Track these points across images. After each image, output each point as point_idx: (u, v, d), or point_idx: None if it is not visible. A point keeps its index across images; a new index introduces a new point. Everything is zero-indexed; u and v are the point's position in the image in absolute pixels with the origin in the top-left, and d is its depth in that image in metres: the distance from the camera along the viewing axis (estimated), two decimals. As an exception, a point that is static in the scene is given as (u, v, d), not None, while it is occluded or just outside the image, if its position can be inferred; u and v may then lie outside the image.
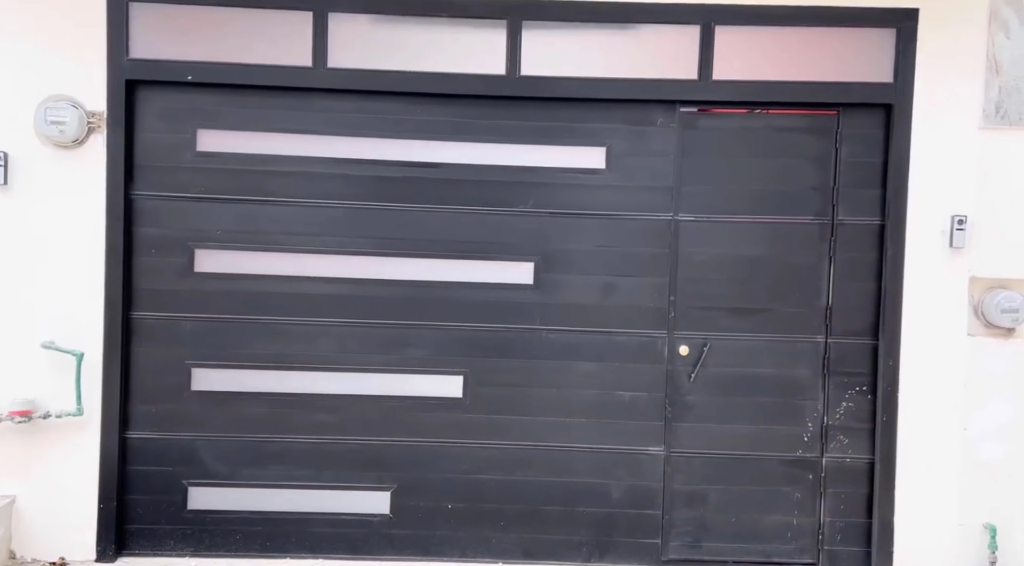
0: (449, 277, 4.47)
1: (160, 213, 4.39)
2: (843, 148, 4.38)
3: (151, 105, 4.36)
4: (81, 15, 4.22)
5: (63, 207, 4.28)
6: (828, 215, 4.41)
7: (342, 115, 4.41)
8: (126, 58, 4.25)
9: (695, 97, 4.38)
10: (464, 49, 4.35)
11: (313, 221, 4.42)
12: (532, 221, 4.45)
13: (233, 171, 4.40)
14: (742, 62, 4.34)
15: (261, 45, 4.32)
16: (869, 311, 4.41)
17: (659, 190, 4.44)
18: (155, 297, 4.41)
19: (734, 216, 4.43)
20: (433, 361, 4.47)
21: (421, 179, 4.43)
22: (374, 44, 4.35)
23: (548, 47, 4.35)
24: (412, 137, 4.43)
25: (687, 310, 4.46)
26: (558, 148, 4.45)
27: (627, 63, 4.35)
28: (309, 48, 4.33)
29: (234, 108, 4.39)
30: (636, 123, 4.44)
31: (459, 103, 4.41)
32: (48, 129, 4.14)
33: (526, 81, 4.35)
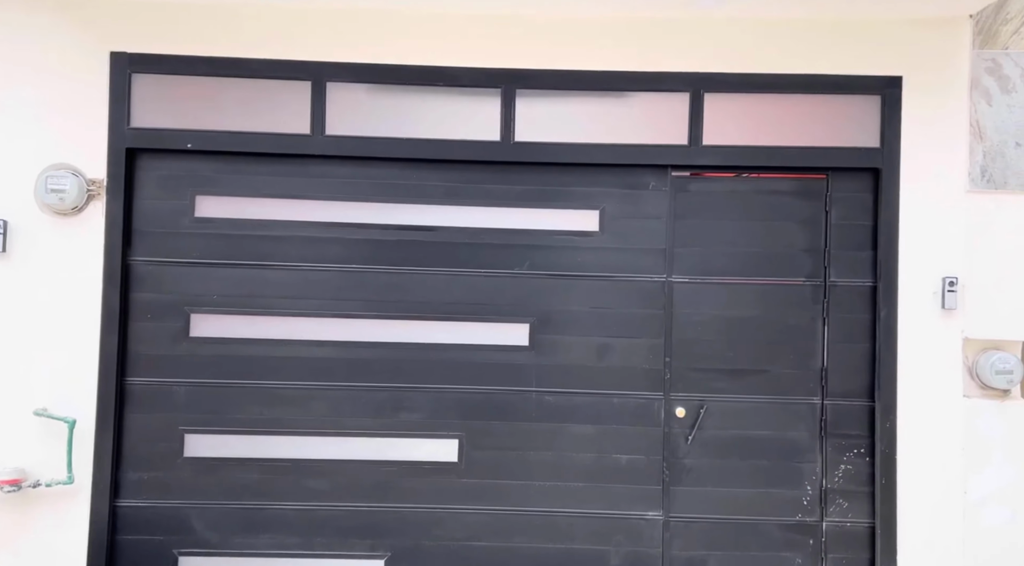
0: (444, 339, 4.47)
1: (157, 278, 4.41)
2: (833, 211, 4.44)
3: (150, 172, 4.43)
4: (84, 86, 4.31)
5: (61, 274, 4.30)
6: (820, 277, 4.45)
7: (338, 180, 4.48)
8: (127, 127, 4.33)
9: (686, 162, 4.45)
10: (459, 116, 4.44)
11: (308, 285, 4.45)
12: (527, 283, 4.48)
13: (230, 236, 4.44)
14: (731, 128, 4.43)
15: (260, 113, 4.40)
16: (864, 372, 4.41)
17: (653, 252, 4.48)
18: (150, 362, 4.40)
19: (727, 278, 4.46)
20: (428, 424, 4.44)
21: (416, 242, 4.47)
22: (371, 111, 4.43)
23: (541, 113, 4.44)
24: (408, 201, 4.48)
25: (683, 371, 4.46)
26: (552, 211, 4.50)
27: (619, 129, 4.44)
28: (307, 116, 4.41)
29: (232, 174, 4.45)
30: (629, 187, 4.50)
31: (454, 168, 4.49)
32: (48, 197, 4.19)
33: (520, 147, 4.43)
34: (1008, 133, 4.17)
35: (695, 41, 4.38)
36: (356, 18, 4.37)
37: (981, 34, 4.19)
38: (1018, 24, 4.14)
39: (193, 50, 4.33)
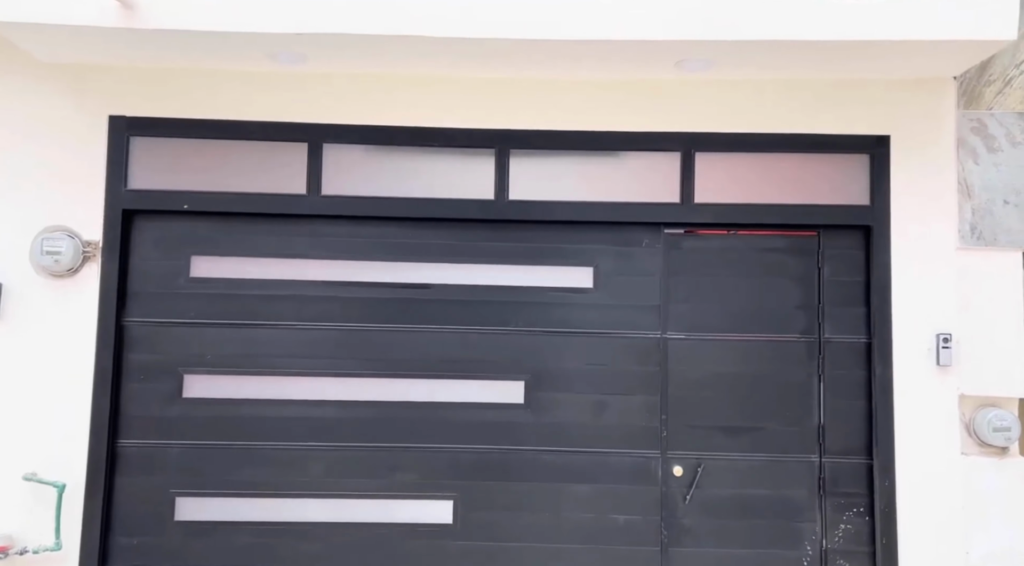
0: (439, 398, 4.45)
1: (151, 339, 4.40)
2: (825, 268, 4.47)
3: (146, 233, 4.45)
4: (82, 149, 4.36)
5: (55, 335, 4.29)
6: (815, 333, 4.45)
7: (334, 239, 4.50)
8: (124, 189, 4.37)
9: (678, 219, 4.49)
10: (454, 175, 4.48)
11: (303, 344, 4.44)
12: (522, 340, 4.47)
13: (225, 296, 4.44)
14: (723, 186, 4.48)
15: (256, 174, 4.45)
16: (862, 429, 4.38)
17: (647, 309, 4.49)
18: (142, 424, 4.36)
19: (722, 334, 4.46)
20: (422, 485, 4.39)
21: (411, 300, 4.48)
22: (367, 171, 4.48)
23: (535, 172, 4.49)
24: (403, 259, 4.50)
25: (680, 429, 4.43)
26: (546, 268, 4.52)
27: (612, 187, 4.48)
28: (304, 177, 4.45)
29: (228, 234, 4.47)
30: (622, 244, 4.53)
31: (449, 226, 4.52)
32: (43, 259, 4.21)
33: (514, 205, 4.46)
34: (996, 191, 4.22)
35: (686, 102, 4.45)
36: (353, 81, 4.44)
37: (965, 95, 4.27)
38: (1001, 86, 4.22)
39: (191, 113, 4.39)
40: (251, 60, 4.24)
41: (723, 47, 3.93)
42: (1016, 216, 4.21)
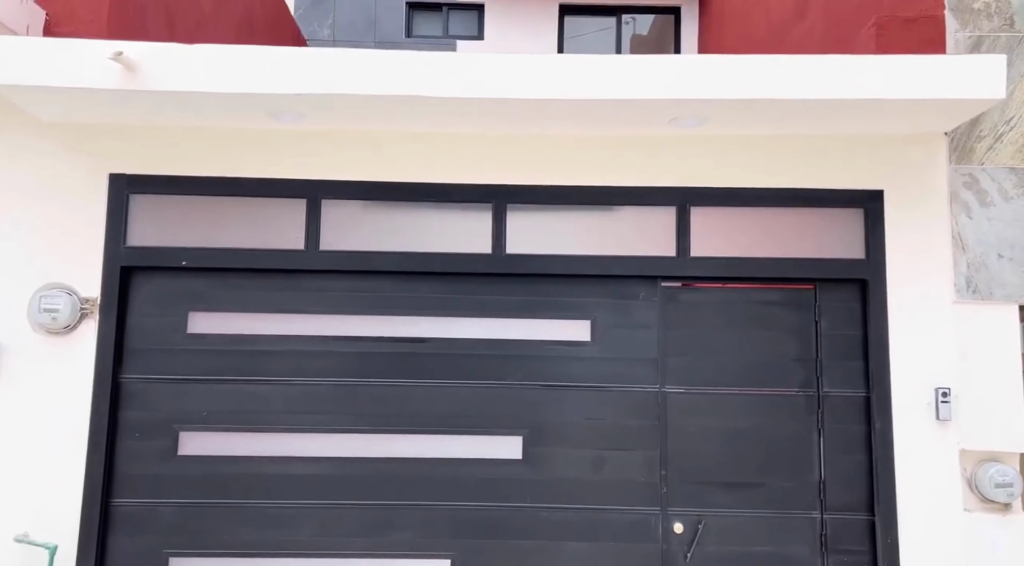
0: (436, 453, 4.41)
1: (147, 396, 4.38)
2: (823, 321, 4.47)
3: (144, 290, 4.45)
4: (82, 206, 4.38)
5: (50, 394, 4.27)
6: (813, 387, 4.44)
7: (331, 294, 4.50)
8: (123, 246, 4.38)
9: (675, 273, 4.51)
10: (451, 229, 4.51)
11: (299, 400, 4.41)
12: (520, 394, 4.45)
13: (222, 352, 4.43)
14: (719, 239, 4.50)
15: (255, 230, 4.46)
16: (863, 485, 4.34)
17: (645, 362, 4.48)
18: (136, 483, 4.32)
19: (721, 388, 4.45)
20: (418, 543, 4.33)
21: (408, 354, 4.47)
22: (365, 226, 4.50)
23: (532, 226, 4.51)
24: (400, 314, 4.50)
25: (679, 485, 4.39)
26: (544, 321, 4.52)
27: (609, 241, 4.50)
28: (302, 232, 4.47)
29: (225, 290, 4.48)
30: (619, 297, 4.54)
31: (447, 280, 4.53)
32: (41, 317, 4.20)
33: (512, 259, 4.48)
34: (990, 245, 4.24)
35: (680, 157, 4.50)
36: (352, 138, 4.49)
37: (957, 150, 4.32)
38: (991, 141, 4.28)
39: (190, 171, 4.43)
40: (251, 119, 4.29)
41: (715, 105, 3.99)
42: (1011, 270, 4.23)
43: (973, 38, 4.32)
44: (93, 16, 4.29)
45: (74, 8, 4.31)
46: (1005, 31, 4.30)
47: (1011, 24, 4.31)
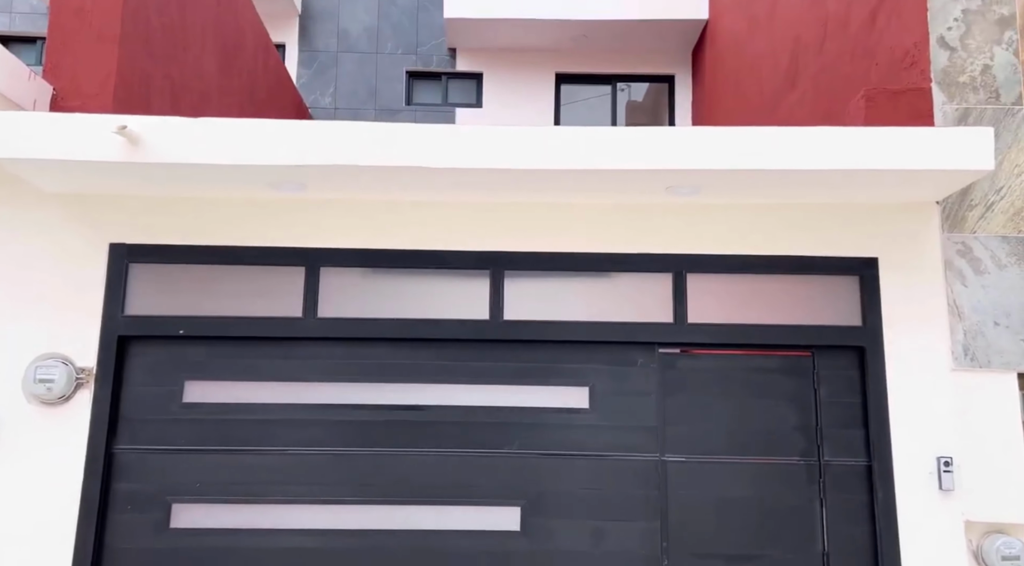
0: (433, 525, 4.34)
1: (140, 467, 4.33)
2: (821, 388, 4.45)
3: (141, 359, 4.44)
4: (81, 277, 4.40)
5: (41, 466, 4.21)
6: (814, 455, 4.39)
7: (329, 361, 4.49)
8: (121, 315, 4.39)
9: (672, 339, 4.51)
10: (449, 296, 4.52)
11: (294, 470, 4.36)
12: (518, 462, 4.40)
13: (217, 421, 4.40)
14: (716, 306, 4.52)
15: (253, 298, 4.48)
16: (867, 556, 4.26)
17: (644, 430, 4.44)
18: (127, 557, 4.23)
19: (721, 456, 4.40)
20: (416, 619, 4.23)
21: (405, 422, 4.43)
22: (362, 294, 4.52)
23: (529, 292, 4.53)
24: (397, 381, 4.48)
25: (681, 557, 4.30)
26: (542, 388, 4.50)
27: (606, 307, 4.52)
28: (300, 300, 4.49)
29: (222, 358, 4.47)
30: (617, 364, 4.53)
31: (444, 346, 4.52)
32: (36, 388, 4.18)
33: (509, 325, 4.49)
34: (986, 313, 4.26)
35: (676, 225, 4.55)
36: (351, 206, 4.54)
37: (949, 219, 4.37)
38: (983, 210, 4.34)
39: (190, 240, 4.47)
40: (252, 189, 4.35)
41: (709, 175, 4.06)
42: (1008, 338, 4.23)
43: (960, 110, 4.41)
44: (99, 90, 4.39)
45: (81, 83, 4.41)
46: (991, 104, 4.40)
47: (997, 97, 4.41)
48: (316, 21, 10.60)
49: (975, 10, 4.48)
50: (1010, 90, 4.42)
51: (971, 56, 4.44)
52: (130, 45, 4.68)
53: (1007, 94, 4.41)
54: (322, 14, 10.63)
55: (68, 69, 4.42)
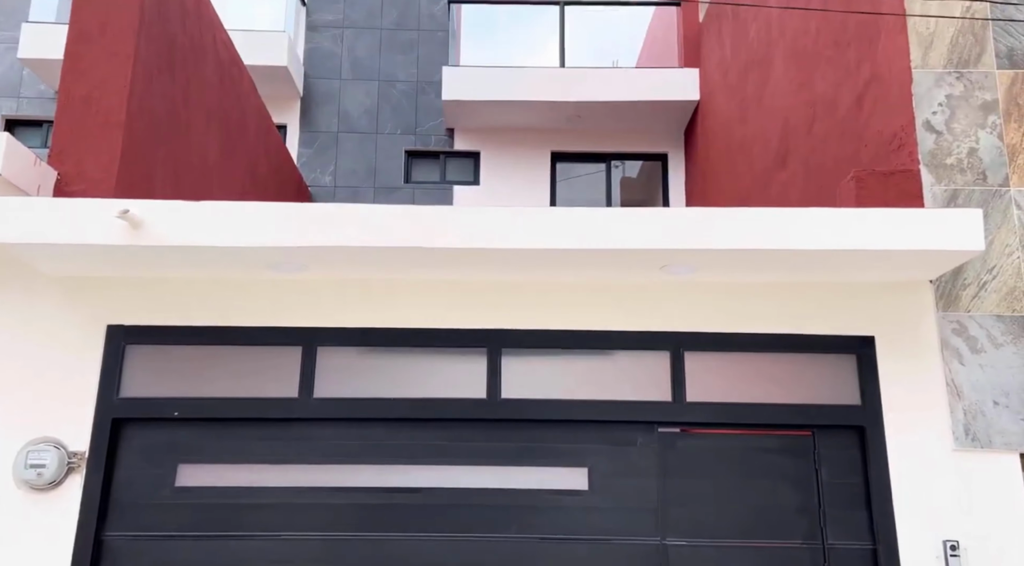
0: (428, 615, 4.22)
1: (130, 554, 4.23)
2: (823, 469, 4.40)
3: (134, 442, 4.39)
4: (77, 359, 4.38)
5: (28, 554, 4.10)
6: (818, 538, 4.30)
7: (324, 442, 4.44)
8: (115, 397, 4.36)
9: (672, 418, 4.48)
10: (446, 375, 4.51)
11: (290, 555, 4.26)
12: (516, 547, 4.31)
13: (209, 505, 4.32)
14: (714, 384, 4.50)
15: (248, 379, 4.46)
16: (877, 646, 4.13)
17: (644, 512, 4.36)
18: (112, 649, 4.09)
19: (724, 540, 4.31)
20: None
21: (402, 505, 4.36)
22: (359, 373, 4.51)
23: (527, 370, 4.52)
24: (394, 462, 4.43)
25: (684, 646, 4.17)
26: (540, 469, 4.44)
27: (604, 385, 4.50)
28: (296, 380, 4.47)
29: (217, 440, 4.42)
30: (616, 443, 4.48)
31: (441, 426, 4.48)
32: (26, 474, 4.11)
33: (506, 404, 4.46)
34: (985, 392, 4.24)
35: (673, 303, 4.57)
36: (350, 286, 4.57)
37: (944, 298, 4.40)
38: (976, 289, 4.37)
39: (187, 320, 4.48)
40: (251, 270, 4.38)
41: (703, 255, 4.10)
42: (1008, 418, 4.21)
43: (949, 191, 4.50)
44: (103, 175, 4.46)
45: (85, 168, 4.49)
46: (979, 185, 4.49)
47: (984, 178, 4.50)
48: (318, 103, 10.87)
49: (958, 95, 4.62)
50: (996, 172, 4.51)
51: (957, 139, 4.56)
52: (135, 129, 4.78)
53: (993, 176, 4.51)
54: (324, 96, 10.90)
55: (73, 154, 4.51)
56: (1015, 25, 4.67)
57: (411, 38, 11.16)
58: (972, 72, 4.64)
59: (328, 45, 11.05)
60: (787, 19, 6.44)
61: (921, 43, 4.69)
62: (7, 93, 10.32)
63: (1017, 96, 4.59)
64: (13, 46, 10.04)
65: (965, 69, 4.65)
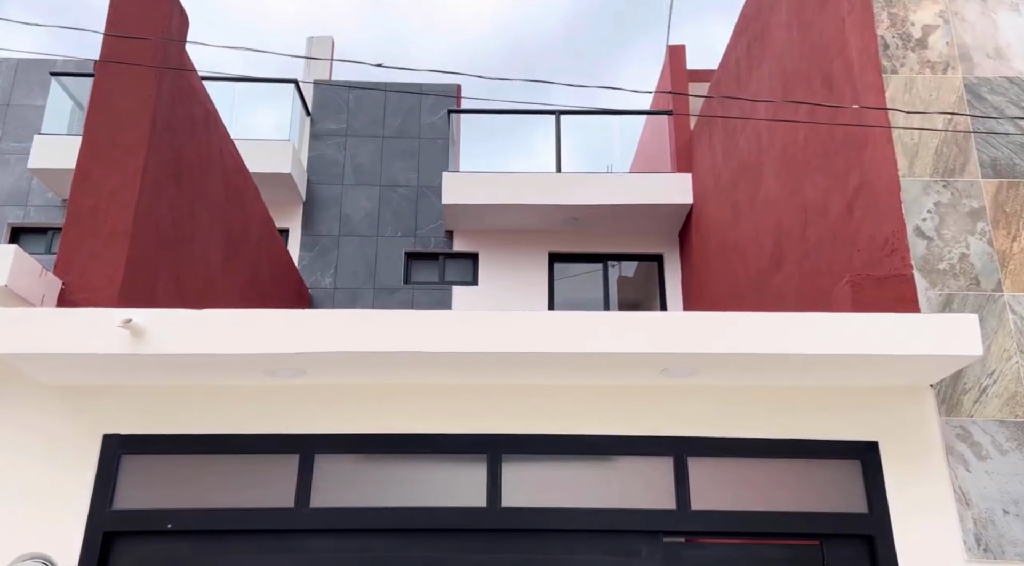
0: None
1: None
2: (833, 581, 4.27)
3: (125, 557, 4.25)
4: (71, 470, 4.29)
5: None
6: (834, 656, 4.14)
7: (320, 555, 4.32)
8: (108, 510, 4.26)
9: (676, 527, 4.37)
10: (446, 483, 4.43)
11: None
12: (519, 668, 4.13)
13: (200, 624, 4.16)
14: (719, 491, 4.42)
15: (244, 488, 4.38)
16: None
17: (651, 628, 4.20)
18: None
19: (734, 658, 4.14)
20: None
21: (398, 626, 4.20)
22: (356, 481, 4.43)
23: (528, 477, 4.44)
24: (391, 577, 4.29)
25: None
26: (543, 582, 4.31)
27: (607, 493, 4.42)
28: (292, 490, 4.38)
29: (210, 554, 4.30)
30: (621, 554, 4.36)
31: (440, 537, 4.37)
32: (11, 594, 3.99)
33: (507, 513, 4.36)
34: (994, 500, 4.17)
35: (675, 407, 4.54)
36: (348, 391, 4.54)
37: (945, 402, 4.38)
38: (977, 394, 4.36)
39: (183, 429, 4.43)
40: (249, 377, 4.37)
41: (703, 359, 4.12)
42: (1019, 527, 4.11)
43: (943, 296, 4.55)
44: (107, 284, 4.51)
45: (90, 277, 4.54)
46: (972, 290, 4.55)
47: (977, 283, 4.57)
48: (320, 207, 11.12)
49: (946, 203, 4.74)
50: (989, 277, 4.58)
51: (948, 245, 4.65)
52: (140, 239, 4.87)
53: (986, 281, 4.57)
54: (326, 201, 11.17)
55: (78, 264, 4.57)
56: (996, 137, 4.85)
57: (412, 145, 11.53)
58: (958, 181, 4.78)
59: (331, 152, 11.40)
60: (775, 129, 6.67)
61: (907, 152, 4.85)
62: (15, 201, 10.56)
63: (1003, 204, 4.72)
64: (24, 156, 10.36)
65: (951, 177, 4.79)
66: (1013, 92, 4.96)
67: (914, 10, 5.17)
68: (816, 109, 5.47)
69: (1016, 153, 4.83)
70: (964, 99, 4.95)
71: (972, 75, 5.01)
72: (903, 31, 5.12)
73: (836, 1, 5.49)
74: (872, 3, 5.16)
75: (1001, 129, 4.84)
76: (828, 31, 5.60)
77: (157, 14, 5.28)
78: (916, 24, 5.14)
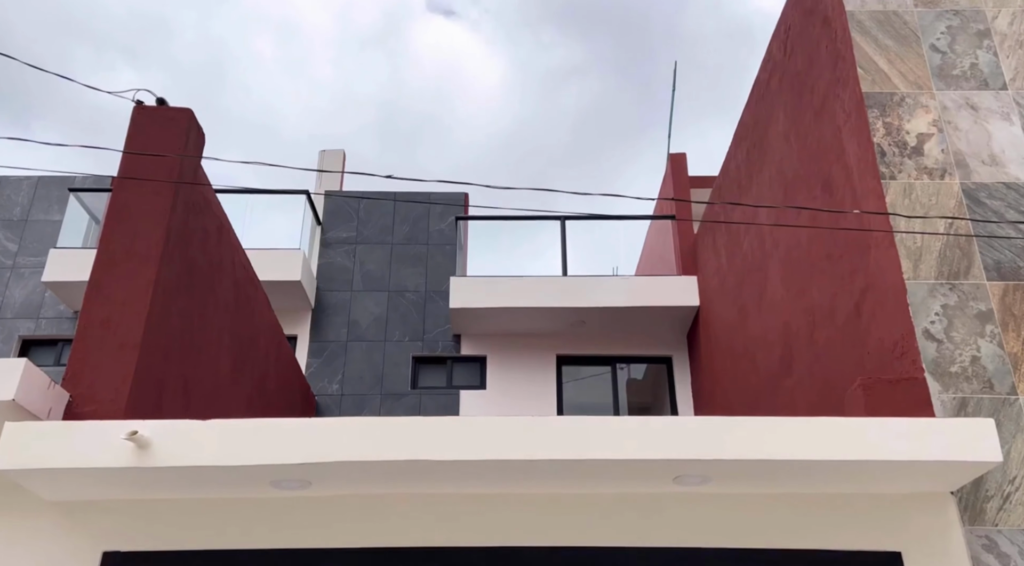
0: None
1: None
2: None
3: None
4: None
5: None
6: None
7: None
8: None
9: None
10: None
11: None
12: None
13: None
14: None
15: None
16: None
17: None
18: None
19: None
20: None
21: None
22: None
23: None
24: None
25: None
26: None
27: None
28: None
29: None
30: None
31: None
32: None
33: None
34: (1030, 613, 3.99)
35: (688, 516, 4.41)
36: (350, 503, 4.44)
37: (968, 510, 4.25)
38: (1000, 502, 4.23)
39: (186, 545, 4.32)
40: (254, 489, 4.29)
41: (716, 465, 4.04)
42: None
43: (957, 399, 4.49)
44: (114, 396, 4.50)
45: (97, 390, 4.53)
46: (986, 393, 4.49)
47: (991, 387, 4.51)
48: (328, 314, 11.19)
49: (953, 305, 4.74)
50: (1002, 380, 4.53)
51: (958, 348, 4.62)
52: (149, 350, 4.88)
53: (1000, 384, 4.52)
54: (335, 307, 11.25)
55: (87, 377, 4.57)
56: (998, 240, 4.90)
57: (420, 252, 11.70)
58: (963, 283, 4.80)
59: (341, 259, 11.56)
60: (779, 232, 6.77)
61: (910, 255, 4.89)
62: (28, 314, 10.67)
63: (1011, 306, 4.72)
64: (39, 270, 10.53)
65: (956, 280, 4.81)
66: (1011, 197, 5.05)
67: (908, 119, 5.33)
68: (819, 213, 5.56)
69: (1019, 256, 4.87)
70: (963, 204, 5.03)
71: (970, 181, 5.11)
72: (899, 139, 5.26)
73: (832, 110, 5.67)
74: (867, 113, 5.33)
75: (1002, 232, 4.90)
76: (825, 139, 5.76)
77: (175, 132, 5.48)
78: (911, 133, 5.28)
